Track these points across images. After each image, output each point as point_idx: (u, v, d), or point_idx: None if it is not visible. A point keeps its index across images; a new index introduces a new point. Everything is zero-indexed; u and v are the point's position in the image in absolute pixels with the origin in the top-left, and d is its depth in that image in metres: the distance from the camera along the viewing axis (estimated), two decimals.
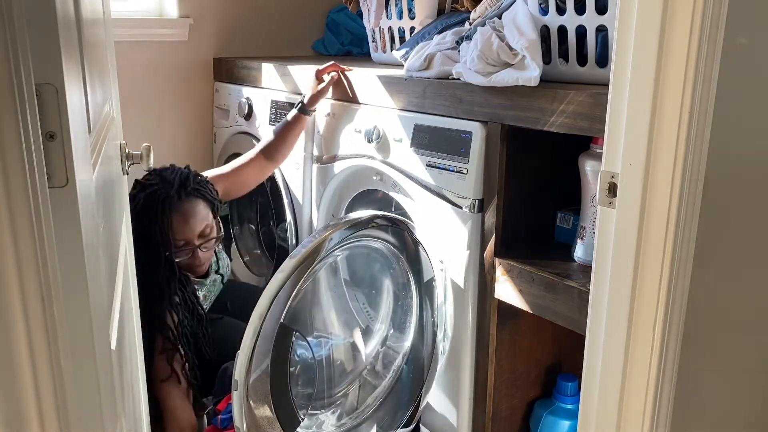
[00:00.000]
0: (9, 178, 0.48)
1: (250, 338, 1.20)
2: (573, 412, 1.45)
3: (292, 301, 1.26)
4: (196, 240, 1.57)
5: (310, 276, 1.32)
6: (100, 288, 0.70)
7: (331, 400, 1.54)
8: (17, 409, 0.52)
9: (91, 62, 0.82)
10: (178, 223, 1.53)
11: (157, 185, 1.54)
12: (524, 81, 1.21)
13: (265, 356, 1.23)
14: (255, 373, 1.22)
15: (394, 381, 1.57)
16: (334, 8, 2.39)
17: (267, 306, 1.21)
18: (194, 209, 1.56)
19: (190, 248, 1.57)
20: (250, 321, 1.21)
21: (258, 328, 1.20)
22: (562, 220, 1.46)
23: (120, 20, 2.03)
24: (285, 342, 1.26)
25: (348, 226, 1.34)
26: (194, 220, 1.56)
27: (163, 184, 1.54)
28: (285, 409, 1.29)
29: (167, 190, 1.53)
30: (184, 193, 1.55)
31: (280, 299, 1.22)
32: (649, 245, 0.89)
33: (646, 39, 0.84)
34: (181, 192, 1.55)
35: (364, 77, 1.62)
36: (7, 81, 0.47)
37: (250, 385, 1.22)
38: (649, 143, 0.86)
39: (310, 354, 1.46)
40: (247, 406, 1.22)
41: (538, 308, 1.30)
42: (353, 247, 1.48)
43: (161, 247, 1.52)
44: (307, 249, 1.26)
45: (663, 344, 0.91)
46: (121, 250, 1.04)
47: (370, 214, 1.40)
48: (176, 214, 1.53)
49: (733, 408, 1.17)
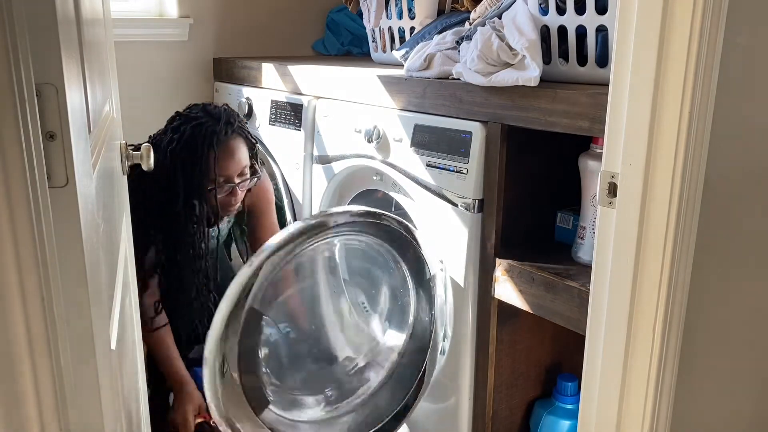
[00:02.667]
0: (9, 178, 0.48)
1: (221, 317, 1.23)
2: (573, 412, 1.45)
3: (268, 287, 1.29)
4: (235, 178, 1.58)
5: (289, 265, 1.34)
6: (100, 288, 0.70)
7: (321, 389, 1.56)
8: (17, 409, 0.52)
9: (91, 62, 0.82)
10: (222, 159, 1.54)
11: (203, 119, 1.54)
12: (524, 81, 1.21)
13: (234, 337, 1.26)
14: (226, 352, 1.25)
15: (388, 376, 1.57)
16: (334, 8, 2.39)
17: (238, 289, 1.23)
18: (238, 147, 1.57)
19: (231, 185, 1.57)
20: (221, 302, 1.23)
21: (229, 310, 1.23)
22: (562, 220, 1.46)
23: (120, 20, 2.03)
24: (255, 325, 1.29)
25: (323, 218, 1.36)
26: (237, 157, 1.57)
27: (208, 118, 1.54)
28: (254, 389, 1.33)
29: (214, 125, 1.53)
30: (231, 129, 1.56)
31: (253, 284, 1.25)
32: (649, 245, 0.89)
33: (646, 39, 0.84)
34: (228, 128, 1.55)
35: (364, 77, 1.62)
36: (7, 81, 0.47)
37: (220, 364, 1.25)
38: (649, 143, 0.86)
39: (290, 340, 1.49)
40: (220, 382, 1.26)
41: (538, 308, 1.30)
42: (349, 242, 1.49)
43: (204, 179, 1.52)
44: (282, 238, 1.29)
45: (663, 344, 0.91)
46: (121, 250, 1.04)
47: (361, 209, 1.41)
48: (221, 150, 1.54)
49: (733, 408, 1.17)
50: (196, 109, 1.58)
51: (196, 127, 1.52)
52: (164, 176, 1.50)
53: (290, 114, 1.84)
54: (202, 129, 1.52)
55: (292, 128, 1.83)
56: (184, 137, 1.51)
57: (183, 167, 1.50)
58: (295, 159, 1.83)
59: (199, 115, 1.55)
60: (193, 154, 1.51)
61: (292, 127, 1.83)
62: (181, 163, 1.50)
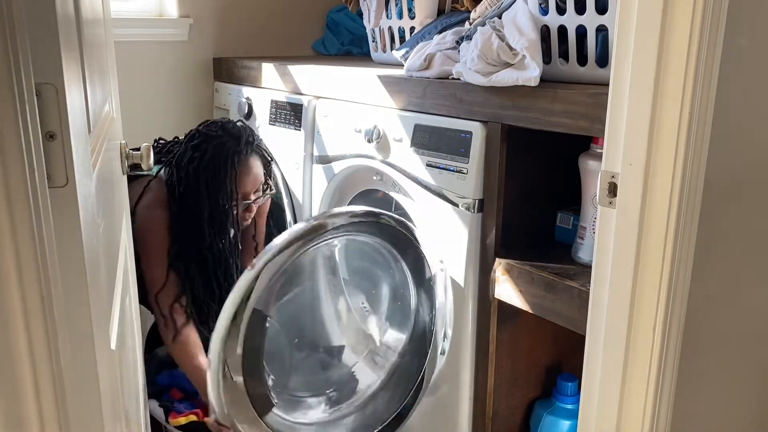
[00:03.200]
0: (9, 178, 0.48)
1: (225, 320, 1.24)
2: (573, 412, 1.45)
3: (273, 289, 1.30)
4: (252, 195, 1.63)
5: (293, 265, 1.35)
6: (100, 288, 0.70)
7: (322, 389, 1.56)
8: (17, 409, 0.52)
9: (91, 62, 0.82)
10: (240, 177, 1.59)
11: (223, 138, 1.59)
12: (524, 81, 1.21)
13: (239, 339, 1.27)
14: (229, 355, 1.26)
15: (389, 377, 1.58)
16: (334, 8, 2.39)
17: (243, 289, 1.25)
18: (255, 165, 1.63)
19: (247, 203, 1.62)
20: (225, 303, 1.26)
21: (233, 312, 1.24)
22: (562, 220, 1.46)
23: (120, 20, 2.03)
24: (259, 327, 1.30)
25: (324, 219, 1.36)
26: (254, 175, 1.62)
27: (229, 138, 1.59)
28: (258, 391, 1.33)
29: (235, 146, 1.58)
30: (250, 148, 1.62)
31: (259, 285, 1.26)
32: (649, 245, 0.89)
33: (646, 39, 0.84)
34: (248, 148, 1.61)
35: (364, 77, 1.62)
36: (7, 81, 0.47)
37: (224, 365, 1.26)
38: (649, 143, 0.86)
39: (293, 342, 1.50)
40: (224, 385, 1.27)
41: (538, 308, 1.30)
42: (349, 242, 1.50)
43: (226, 198, 1.57)
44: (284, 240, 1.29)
45: (663, 344, 0.91)
46: (121, 250, 1.04)
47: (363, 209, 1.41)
48: (240, 168, 1.59)
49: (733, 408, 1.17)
50: (215, 127, 1.62)
51: (218, 147, 1.58)
52: (188, 195, 1.55)
53: (290, 114, 1.84)
54: (224, 149, 1.57)
55: (292, 128, 1.83)
56: (206, 157, 1.56)
57: (207, 186, 1.55)
58: (295, 159, 1.83)
59: (219, 134, 1.60)
60: (216, 174, 1.56)
61: (292, 127, 1.83)
62: (204, 183, 1.55)
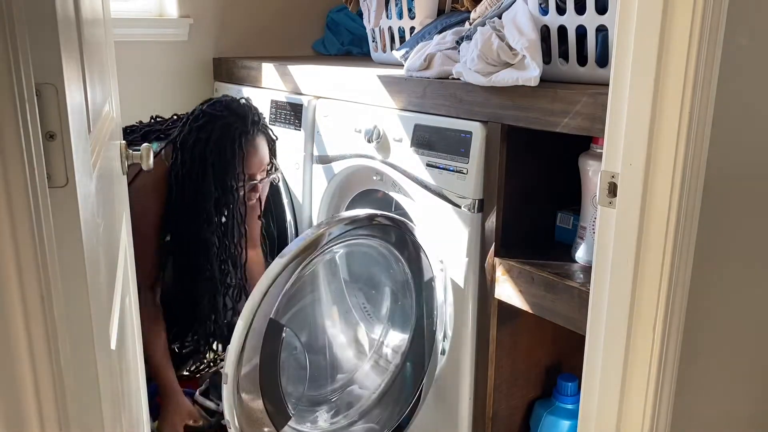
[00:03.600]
0: (9, 178, 0.48)
1: (240, 332, 1.22)
2: (573, 412, 1.45)
3: (284, 298, 1.28)
4: (258, 175, 1.60)
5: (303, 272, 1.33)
6: (100, 288, 0.70)
7: (327, 396, 1.55)
8: (17, 409, 0.52)
9: (91, 62, 0.82)
10: (247, 157, 1.56)
11: (229, 118, 1.54)
12: (524, 81, 1.21)
13: (255, 351, 1.25)
14: (245, 368, 1.24)
15: (392, 380, 1.57)
16: (334, 8, 2.39)
17: (258, 301, 1.23)
18: (261, 145, 1.60)
19: (253, 183, 1.60)
20: (240, 315, 1.23)
21: (249, 323, 1.22)
22: (562, 220, 1.46)
23: (120, 20, 2.03)
24: (275, 337, 1.28)
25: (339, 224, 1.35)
26: (261, 155, 1.59)
27: (235, 117, 1.55)
28: (275, 403, 1.31)
29: (242, 126, 1.54)
30: (257, 128, 1.58)
31: (272, 295, 1.24)
32: (649, 245, 0.89)
33: (646, 39, 0.84)
34: (254, 127, 1.57)
35: (364, 77, 1.62)
36: (7, 81, 0.47)
37: (240, 379, 1.24)
38: (649, 143, 0.86)
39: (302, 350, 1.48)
40: (238, 400, 1.24)
41: (538, 308, 1.30)
42: (351, 246, 1.48)
43: (233, 179, 1.54)
44: (299, 246, 1.28)
45: (663, 344, 0.91)
46: (121, 250, 1.04)
47: (367, 213, 1.40)
48: (247, 149, 1.56)
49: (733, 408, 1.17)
50: (220, 106, 1.56)
51: (224, 127, 1.52)
52: (193, 177, 1.51)
53: (290, 114, 1.84)
54: (230, 130, 1.52)
55: (292, 128, 1.83)
56: (212, 138, 1.51)
57: (213, 168, 1.51)
58: (295, 159, 1.83)
59: (224, 113, 1.54)
60: (222, 156, 1.52)
61: (292, 127, 1.83)
62: (211, 165, 1.51)
